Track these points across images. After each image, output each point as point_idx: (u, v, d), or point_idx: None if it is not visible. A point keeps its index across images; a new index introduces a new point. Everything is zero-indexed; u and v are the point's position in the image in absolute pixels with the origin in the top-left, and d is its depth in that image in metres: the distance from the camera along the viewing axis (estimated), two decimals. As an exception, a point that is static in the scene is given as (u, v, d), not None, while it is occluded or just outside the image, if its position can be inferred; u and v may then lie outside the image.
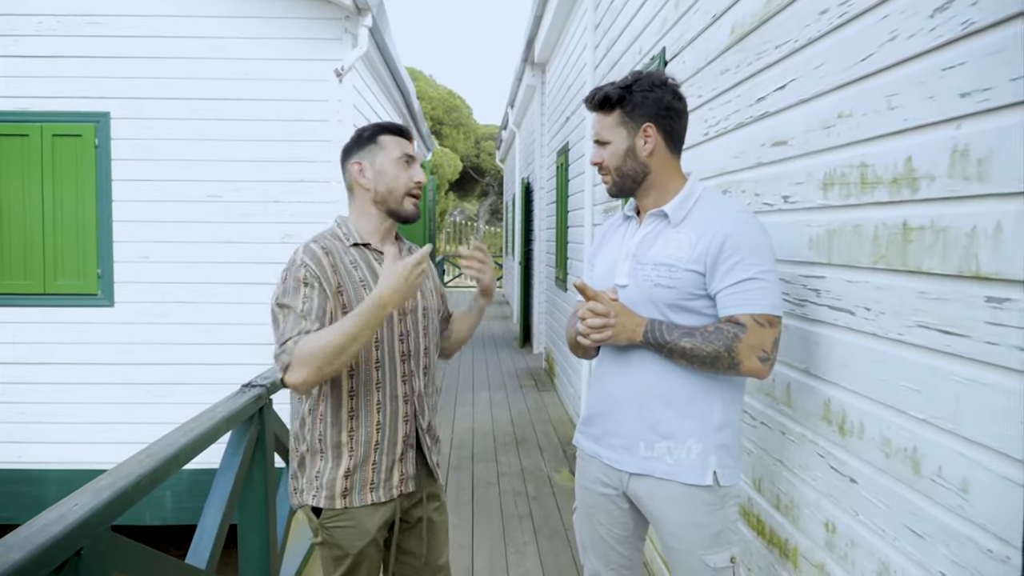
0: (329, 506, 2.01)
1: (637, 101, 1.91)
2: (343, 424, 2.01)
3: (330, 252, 1.97)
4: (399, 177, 2.06)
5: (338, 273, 1.96)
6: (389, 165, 2.06)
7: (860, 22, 1.72)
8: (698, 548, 1.89)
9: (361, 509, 2.02)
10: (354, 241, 2.05)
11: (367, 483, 2.02)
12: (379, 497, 2.04)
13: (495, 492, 5.03)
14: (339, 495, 2.00)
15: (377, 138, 2.09)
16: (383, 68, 7.44)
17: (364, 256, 2.04)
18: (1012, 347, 1.23)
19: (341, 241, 2.04)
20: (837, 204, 1.84)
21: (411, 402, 2.09)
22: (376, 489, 2.03)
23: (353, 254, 2.02)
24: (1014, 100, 1.22)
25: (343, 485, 2.00)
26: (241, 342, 5.83)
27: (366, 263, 2.03)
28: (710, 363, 1.79)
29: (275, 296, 1.93)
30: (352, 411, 2.01)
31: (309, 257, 1.93)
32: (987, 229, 1.29)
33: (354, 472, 2.01)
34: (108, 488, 1.75)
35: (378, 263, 2.05)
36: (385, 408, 2.04)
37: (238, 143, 5.82)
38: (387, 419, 2.04)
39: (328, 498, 2.01)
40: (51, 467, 5.85)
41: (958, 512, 1.38)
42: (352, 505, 2.01)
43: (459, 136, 34.73)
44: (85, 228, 5.79)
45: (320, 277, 1.92)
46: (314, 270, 1.91)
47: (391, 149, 2.07)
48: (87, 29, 5.71)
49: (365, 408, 2.02)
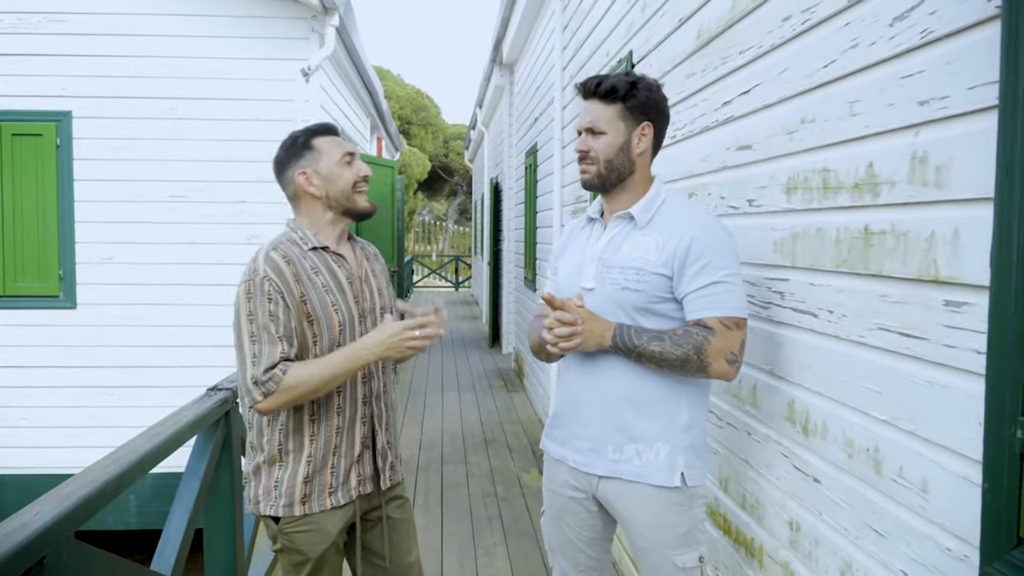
0: (288, 514, 1.99)
1: (642, 99, 1.90)
2: (304, 429, 2.00)
3: (291, 260, 1.95)
4: (345, 176, 2.05)
5: (301, 282, 1.94)
6: (334, 167, 2.04)
7: (822, 29, 1.75)
8: (667, 548, 1.90)
9: (321, 513, 2.02)
10: (312, 245, 2.02)
11: (326, 487, 2.02)
12: (338, 500, 2.03)
13: (464, 493, 5.03)
14: (298, 502, 1.99)
15: (312, 143, 2.05)
16: (351, 68, 7.40)
17: (324, 260, 2.02)
18: (969, 350, 1.26)
19: (299, 246, 2.01)
20: (800, 208, 1.87)
21: (369, 403, 2.10)
22: (335, 492, 2.03)
23: (313, 259, 2.00)
24: (970, 108, 1.25)
25: (302, 491, 1.99)
26: (207, 344, 5.76)
27: (327, 267, 2.02)
28: (679, 366, 1.80)
29: (241, 310, 1.90)
30: (313, 415, 2.00)
31: (271, 268, 1.91)
32: (945, 234, 1.32)
33: (312, 478, 2.00)
34: (71, 495, 1.72)
35: (338, 266, 2.04)
36: (344, 411, 2.04)
37: (203, 143, 5.75)
38: (346, 422, 2.04)
39: (287, 506, 1.99)
40: (10, 472, 5.73)
41: (918, 511, 1.41)
42: (311, 511, 2.00)
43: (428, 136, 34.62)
44: (46, 229, 5.69)
45: (283, 291, 1.90)
46: (277, 284, 1.90)
47: (331, 151, 2.05)
48: (48, 27, 5.62)
49: (326, 412, 2.01)
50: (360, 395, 2.07)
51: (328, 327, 1.97)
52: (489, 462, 5.73)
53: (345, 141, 2.13)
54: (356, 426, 2.06)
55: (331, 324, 1.98)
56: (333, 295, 1.99)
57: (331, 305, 1.98)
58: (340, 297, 2.01)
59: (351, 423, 2.05)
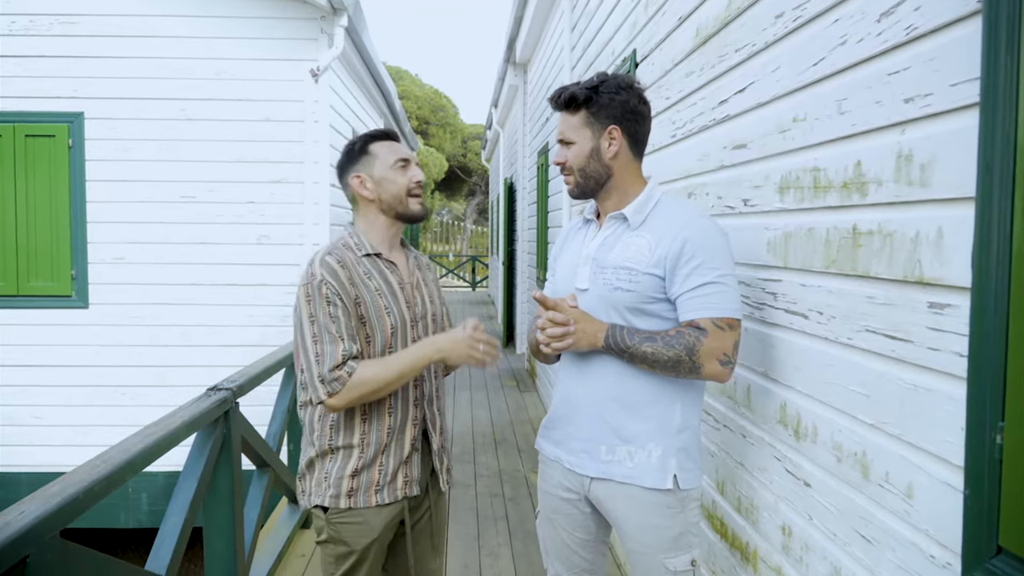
0: (334, 505, 2.03)
1: (604, 102, 1.90)
2: (356, 427, 2.04)
3: (345, 265, 1.99)
4: (399, 181, 2.09)
5: (355, 285, 1.99)
6: (387, 172, 2.09)
7: (813, 26, 1.73)
8: (658, 551, 1.88)
9: (367, 508, 2.05)
10: (366, 251, 2.07)
11: (372, 484, 2.04)
12: (383, 499, 2.05)
13: (471, 494, 5.02)
14: (344, 494, 2.03)
15: (368, 148, 2.11)
16: (362, 68, 7.41)
17: (376, 266, 2.07)
18: (952, 353, 1.23)
19: (353, 252, 2.06)
20: (792, 208, 1.84)
21: (421, 406, 2.12)
22: (381, 491, 2.05)
23: (366, 264, 2.05)
24: (953, 106, 1.22)
25: (349, 485, 2.03)
26: (218, 344, 5.79)
27: (379, 273, 2.06)
28: (671, 367, 1.78)
29: (303, 312, 1.96)
30: (365, 414, 2.04)
31: (328, 272, 1.95)
32: (929, 235, 1.29)
33: (361, 472, 2.03)
34: (58, 495, 1.73)
35: (390, 272, 2.09)
36: (396, 412, 2.07)
37: (213, 143, 5.78)
38: (397, 423, 2.07)
39: (334, 497, 2.03)
40: (24, 470, 5.80)
41: (903, 517, 1.38)
42: (356, 506, 2.04)
43: (445, 136, 34.67)
44: (59, 229, 5.74)
45: (341, 293, 1.95)
46: (335, 286, 1.94)
47: (385, 156, 2.10)
48: (61, 29, 5.67)
49: (377, 411, 2.05)
50: (412, 398, 2.10)
51: (380, 329, 2.01)
52: (498, 462, 5.72)
53: (404, 146, 2.17)
54: (407, 428, 2.09)
55: (383, 327, 2.02)
56: (386, 299, 2.03)
57: (384, 308, 2.02)
58: (392, 301, 2.05)
59: (403, 424, 2.08)
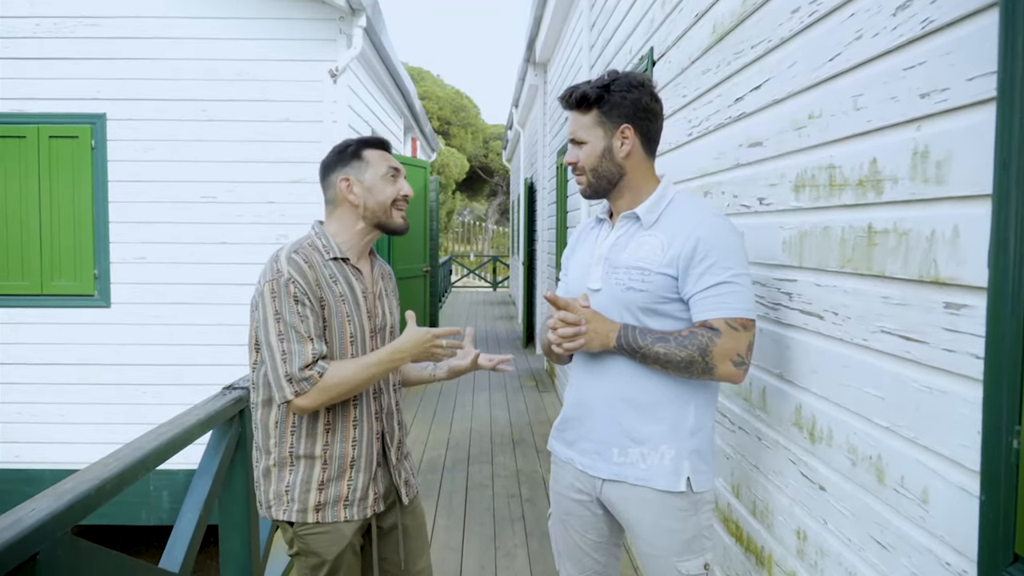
0: (301, 519, 1.99)
1: (616, 101, 1.87)
2: (318, 437, 1.99)
3: (312, 265, 1.95)
4: (387, 191, 2.06)
5: (320, 288, 1.95)
6: (378, 180, 2.06)
7: (828, 21, 1.69)
8: (671, 554, 1.86)
9: (334, 523, 2.01)
10: (333, 255, 2.02)
11: (341, 499, 2.01)
12: (352, 515, 2.02)
13: (488, 494, 5.01)
14: (312, 509, 1.98)
15: (362, 153, 2.08)
16: (381, 68, 7.42)
17: (343, 271, 2.03)
18: (968, 354, 1.20)
19: (320, 254, 2.01)
20: (808, 206, 1.81)
21: (381, 419, 2.10)
22: (350, 506, 2.02)
23: (332, 268, 2.00)
24: (970, 101, 1.19)
25: (316, 499, 1.98)
26: (237, 343, 5.82)
27: (344, 278, 2.02)
28: (684, 368, 1.76)
29: (268, 309, 1.91)
30: (328, 424, 2.00)
31: (295, 271, 1.91)
32: (945, 233, 1.26)
33: (327, 486, 1.99)
34: (69, 492, 1.75)
35: (356, 280, 2.05)
36: (362, 424, 2.04)
37: (233, 144, 5.82)
38: (363, 435, 2.04)
39: (300, 511, 1.98)
40: (48, 467, 5.86)
41: (919, 523, 1.34)
42: (324, 520, 1.99)
43: (467, 136, 34.70)
44: (82, 229, 5.80)
45: (308, 293, 1.91)
46: (302, 285, 1.91)
47: (378, 164, 2.07)
48: (84, 31, 5.72)
49: (342, 423, 2.01)
50: (372, 410, 2.07)
51: (340, 336, 1.98)
52: (515, 463, 5.70)
53: (395, 158, 2.15)
54: (372, 442, 2.06)
55: (343, 334, 1.98)
56: (348, 306, 2.00)
57: (345, 316, 1.99)
58: (355, 310, 2.01)
59: (369, 438, 2.05)
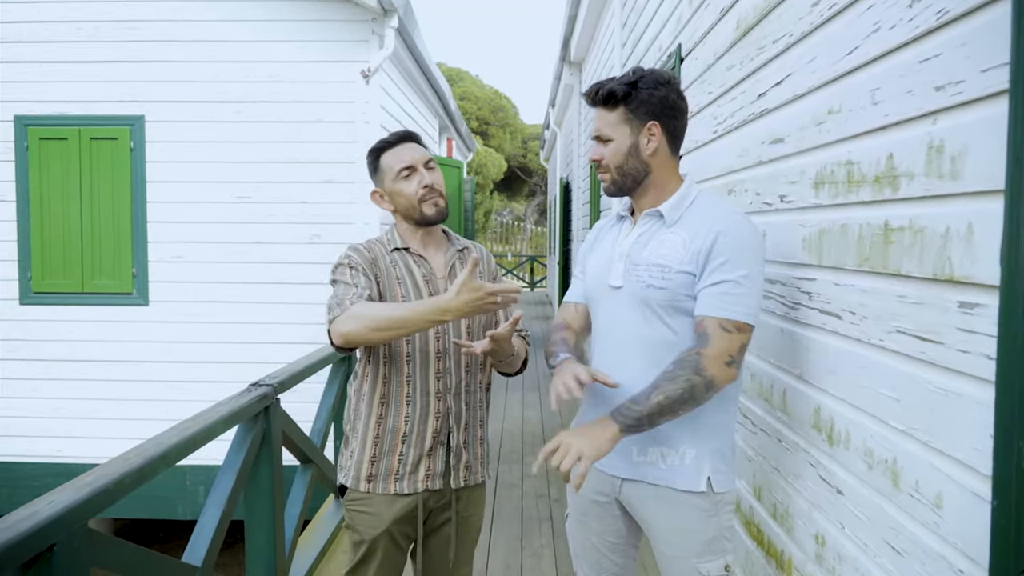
0: (354, 487, 2.07)
1: (643, 98, 1.84)
2: (374, 409, 2.07)
3: (372, 251, 2.09)
4: (406, 191, 2.09)
5: (377, 267, 2.07)
6: (394, 184, 2.10)
7: (847, 14, 1.66)
8: (691, 555, 1.83)
9: (383, 496, 2.06)
10: (395, 246, 2.12)
11: (392, 472, 2.06)
12: (402, 488, 2.06)
13: (517, 494, 5.00)
14: (364, 479, 2.07)
15: (379, 163, 2.13)
16: (414, 68, 7.46)
17: (404, 259, 2.12)
18: (982, 355, 1.16)
19: (384, 246, 2.13)
20: (827, 203, 1.77)
21: (444, 399, 2.09)
22: (400, 480, 2.06)
23: (394, 257, 2.11)
24: (985, 93, 1.15)
25: (368, 470, 2.06)
26: (269, 341, 5.90)
27: (404, 264, 2.11)
28: (690, 397, 1.68)
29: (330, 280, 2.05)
30: (383, 398, 2.07)
31: (354, 252, 2.07)
32: (959, 230, 1.22)
33: (380, 459, 2.06)
34: (88, 485, 1.76)
35: (417, 265, 2.11)
36: (415, 402, 2.06)
37: (267, 144, 5.90)
38: (416, 413, 2.06)
39: (355, 479, 2.08)
40: (88, 461, 5.99)
41: (932, 529, 1.31)
42: (375, 491, 2.06)
43: (506, 136, 34.75)
44: (121, 229, 5.93)
45: (362, 264, 2.03)
46: (357, 260, 2.04)
47: (391, 168, 2.10)
48: (123, 34, 5.85)
49: (395, 398, 2.06)
50: (433, 389, 2.08)
51: None
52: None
53: (415, 146, 2.15)
54: (428, 419, 2.08)
55: None
56: (405, 287, 2.06)
57: (400, 295, 2.05)
58: (413, 292, 2.06)
59: (423, 415, 2.07)
